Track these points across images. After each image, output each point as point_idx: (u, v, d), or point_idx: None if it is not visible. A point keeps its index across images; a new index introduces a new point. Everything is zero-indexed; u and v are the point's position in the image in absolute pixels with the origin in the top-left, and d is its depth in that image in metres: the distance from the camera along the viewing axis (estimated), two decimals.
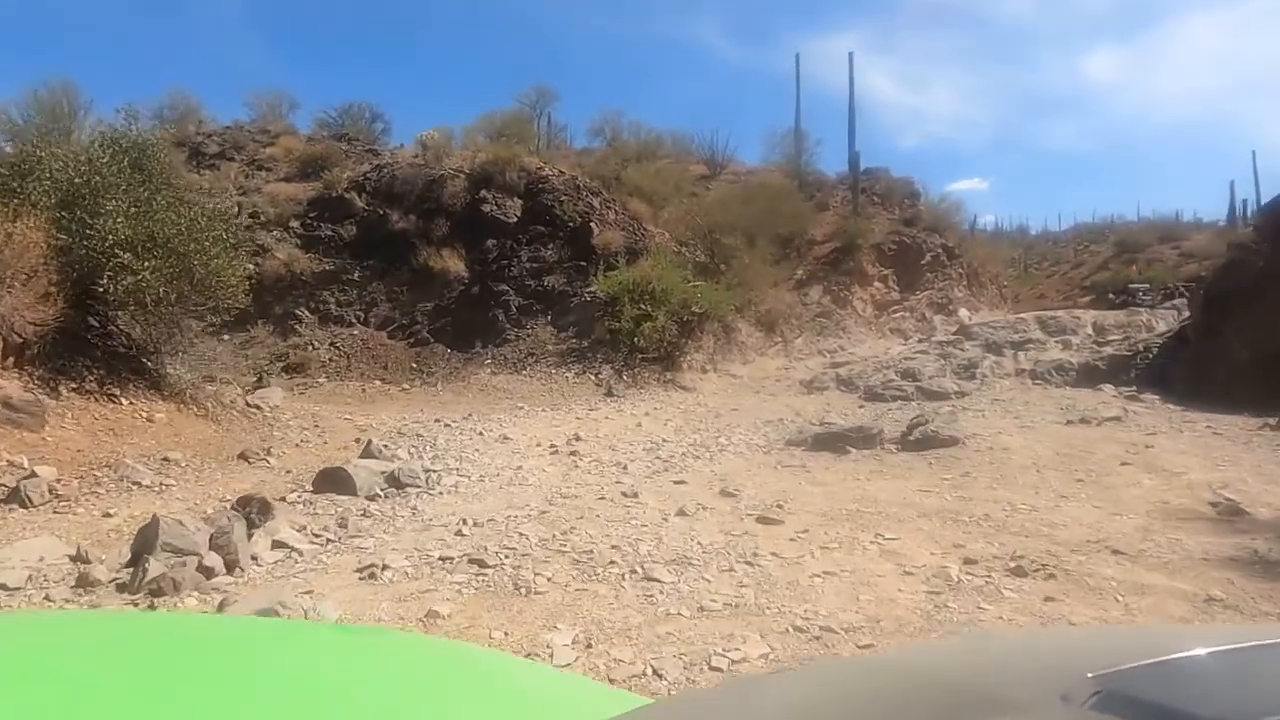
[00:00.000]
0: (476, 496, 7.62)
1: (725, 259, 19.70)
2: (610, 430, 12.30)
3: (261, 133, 26.40)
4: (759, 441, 11.02)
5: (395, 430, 11.65)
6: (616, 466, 9.23)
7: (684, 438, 11.51)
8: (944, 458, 9.22)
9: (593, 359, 17.06)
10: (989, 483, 7.86)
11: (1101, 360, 17.03)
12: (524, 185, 20.84)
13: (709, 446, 10.67)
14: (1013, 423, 11.86)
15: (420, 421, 13.03)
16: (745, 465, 9.40)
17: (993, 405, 14.22)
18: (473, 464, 9.28)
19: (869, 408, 14.72)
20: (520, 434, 11.70)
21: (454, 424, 12.70)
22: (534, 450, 10.43)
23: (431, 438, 11.09)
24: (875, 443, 10.34)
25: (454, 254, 19.91)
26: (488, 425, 12.68)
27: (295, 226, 21.21)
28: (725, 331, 18.57)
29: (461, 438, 11.25)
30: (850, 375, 17.48)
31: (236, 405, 10.75)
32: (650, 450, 10.41)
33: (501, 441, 11.02)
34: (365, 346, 18.81)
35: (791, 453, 10.19)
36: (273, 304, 19.88)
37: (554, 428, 12.48)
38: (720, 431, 12.03)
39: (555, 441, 11.04)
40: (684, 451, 10.31)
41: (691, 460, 9.71)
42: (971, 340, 19.48)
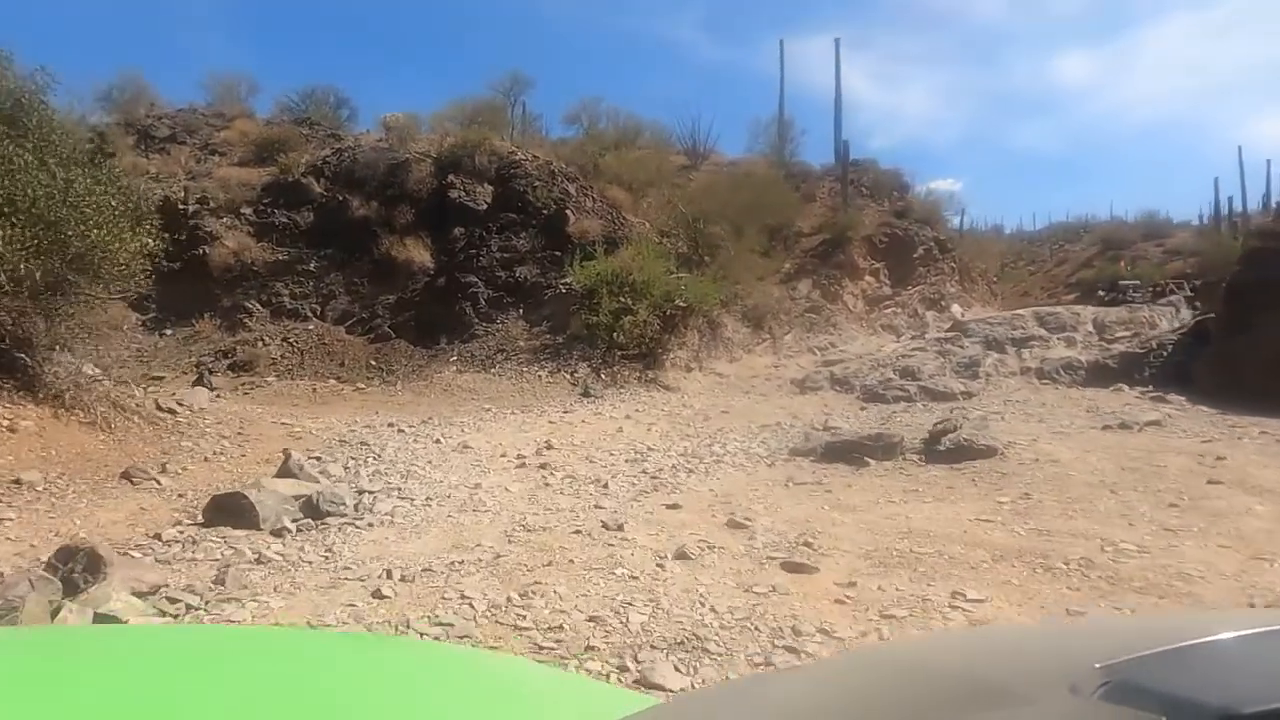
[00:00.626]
0: (416, 530, 5.80)
1: (710, 250, 17.96)
2: (587, 436, 10.53)
3: (217, 116, 24.27)
4: (759, 450, 9.29)
5: (337, 438, 9.78)
6: (595, 484, 7.45)
7: (672, 445, 9.75)
8: (986, 473, 7.53)
9: (568, 356, 15.26)
10: (1060, 509, 6.17)
11: (1112, 358, 15.50)
12: (495, 170, 18.97)
13: (702, 457, 8.92)
14: (1041, 428, 10.23)
15: (371, 426, 11.17)
16: (748, 481, 7.65)
17: (1007, 407, 12.61)
18: (421, 482, 7.45)
19: (871, 410, 13.05)
20: (484, 442, 9.89)
21: (409, 429, 10.86)
22: (498, 462, 8.62)
23: (379, 447, 9.24)
24: (896, 452, 8.65)
25: (419, 243, 18.01)
26: (448, 431, 10.85)
27: (248, 213, 19.19)
28: (711, 327, 16.84)
29: (414, 446, 9.41)
30: (845, 374, 15.82)
31: (144, 409, 8.82)
32: (634, 462, 8.65)
33: (460, 451, 9.20)
34: (320, 342, 16.86)
35: (800, 465, 8.46)
36: (221, 296, 17.89)
37: (523, 433, 10.68)
38: (712, 438, 10.29)
39: (523, 451, 9.24)
40: (674, 464, 8.55)
41: (684, 475, 7.94)
42: (970, 337, 17.90)
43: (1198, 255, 29.08)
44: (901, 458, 8.64)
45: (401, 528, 5.86)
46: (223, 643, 1.66)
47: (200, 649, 1.50)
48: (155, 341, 17.29)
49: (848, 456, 8.54)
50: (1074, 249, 42.56)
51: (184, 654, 1.43)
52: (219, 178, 20.02)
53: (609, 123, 24.61)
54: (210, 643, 1.64)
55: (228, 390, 14.70)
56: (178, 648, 1.50)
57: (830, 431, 10.48)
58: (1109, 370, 15.16)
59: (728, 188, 19.69)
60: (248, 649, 1.51)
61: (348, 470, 7.76)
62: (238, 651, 1.48)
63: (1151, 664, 0.71)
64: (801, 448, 9.12)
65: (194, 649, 1.50)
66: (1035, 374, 15.69)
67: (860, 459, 8.39)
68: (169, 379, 15.49)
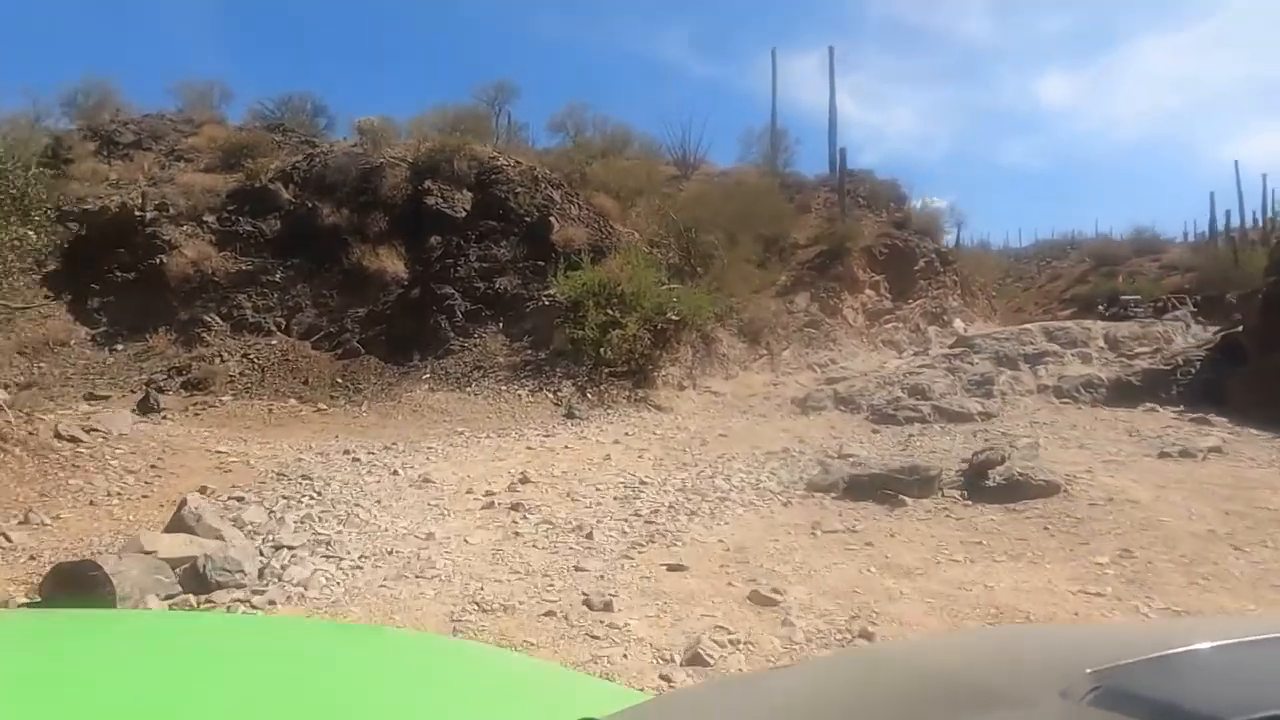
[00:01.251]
0: (333, 608, 4.22)
1: (703, 260, 16.49)
2: (570, 465, 8.97)
3: (186, 122, 22.66)
4: (770, 484, 7.75)
5: (277, 469, 8.16)
6: (576, 532, 5.88)
7: (668, 477, 8.21)
8: (1055, 517, 6.02)
9: (551, 373, 13.69)
10: (1181, 573, 4.65)
11: (1135, 376, 14.10)
12: (474, 176, 17.45)
13: (704, 493, 7.37)
14: (1086, 455, 8.76)
15: (324, 454, 9.58)
16: (765, 527, 6.11)
17: (1035, 430, 11.14)
18: (361, 531, 5.87)
19: (885, 433, 11.56)
20: (449, 473, 8.31)
21: (366, 457, 9.27)
22: (461, 501, 7.05)
23: (323, 481, 7.65)
24: (934, 487, 7.14)
25: (392, 252, 16.43)
26: (411, 459, 9.27)
27: (210, 221, 17.56)
28: (705, 342, 15.34)
29: (366, 480, 7.82)
30: (850, 393, 14.33)
31: (34, 438, 7.18)
32: (625, 500, 7.09)
33: (419, 486, 7.62)
34: (284, 359, 15.22)
35: (822, 504, 6.93)
36: (178, 308, 16.22)
37: (497, 462, 9.11)
38: (714, 467, 8.76)
39: (494, 485, 7.68)
40: (672, 502, 7.00)
41: (685, 518, 6.39)
42: (979, 353, 16.49)
43: (1195, 270, 27.98)
44: (940, 494, 7.13)
45: (314, 604, 4.28)
46: (218, 631, 1.65)
47: (195, 637, 1.48)
48: (104, 358, 15.59)
49: (878, 493, 7.02)
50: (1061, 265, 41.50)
51: (178, 641, 1.41)
52: (181, 184, 18.39)
53: (596, 131, 23.22)
54: (206, 631, 1.62)
55: (176, 411, 13.06)
56: (172, 635, 1.49)
57: (848, 460, 8.97)
58: (1132, 388, 13.76)
59: (720, 196, 18.26)
60: (243, 638, 1.49)
61: (272, 515, 6.15)
62: (233, 640, 1.45)
63: (1142, 671, 0.71)
64: (820, 481, 7.58)
65: (189, 637, 1.48)
66: (1053, 392, 14.27)
67: (894, 497, 6.87)
68: (114, 398, 13.83)
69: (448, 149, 17.63)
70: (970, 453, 8.96)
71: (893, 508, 6.66)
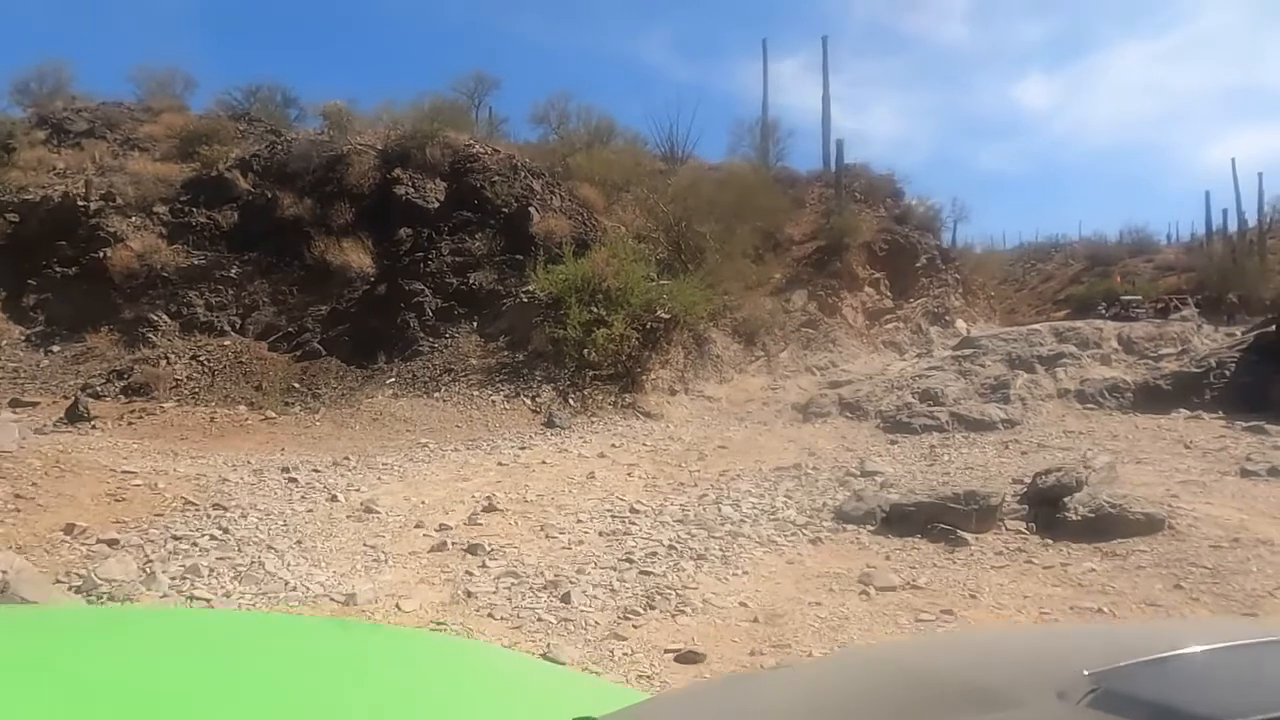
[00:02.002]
0: None
1: (694, 255, 14.95)
2: (547, 486, 7.41)
3: (145, 110, 20.84)
4: (789, 512, 6.21)
5: (188, 495, 6.52)
6: (549, 591, 4.33)
7: (664, 502, 6.67)
8: (1174, 564, 4.53)
9: (529, 377, 12.11)
10: None
11: (1163, 379, 12.72)
12: (449, 164, 15.85)
13: (710, 525, 5.83)
14: (1155, 474, 7.29)
15: (258, 472, 7.97)
16: (796, 580, 4.58)
17: (1070, 441, 9.71)
18: (259, 591, 4.29)
19: (904, 444, 10.09)
20: (400, 499, 6.73)
21: (307, 477, 7.68)
22: (406, 540, 5.46)
23: (238, 513, 6.03)
24: (993, 518, 5.64)
25: (358, 246, 14.79)
26: (359, 479, 7.69)
27: (161, 212, 15.85)
28: (697, 343, 13.81)
29: (295, 510, 6.22)
30: (856, 398, 12.85)
31: None
32: (612, 536, 5.54)
33: (358, 519, 6.02)
34: (237, 361, 13.55)
35: (860, 540, 5.42)
36: (122, 306, 14.52)
37: (460, 483, 7.54)
38: (717, 489, 7.23)
39: (451, 516, 6.11)
40: (671, 539, 5.45)
41: (690, 564, 4.85)
42: (987, 355, 15.04)
43: (1192, 271, 26.85)
44: (1002, 526, 5.63)
45: None
46: (218, 627, 1.61)
47: (196, 633, 1.46)
48: (38, 360, 13.85)
49: (927, 527, 5.51)
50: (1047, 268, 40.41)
51: (178, 637, 1.39)
52: (131, 172, 16.63)
53: (580, 122, 21.60)
54: (206, 627, 1.60)
55: (110, 419, 11.39)
56: (173, 631, 1.47)
57: (874, 480, 7.47)
58: (1161, 393, 12.37)
59: (713, 187, 16.73)
60: (244, 634, 1.46)
61: (144, 569, 4.53)
62: (233, 636, 1.43)
63: (1139, 673, 0.70)
64: (850, 509, 6.05)
65: (190, 633, 1.46)
66: (1075, 397, 12.85)
67: (950, 533, 5.35)
68: (43, 405, 12.14)
69: (420, 135, 16.02)
70: (1018, 471, 7.50)
71: (951, 547, 5.14)
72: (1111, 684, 0.66)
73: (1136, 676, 0.69)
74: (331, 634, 1.69)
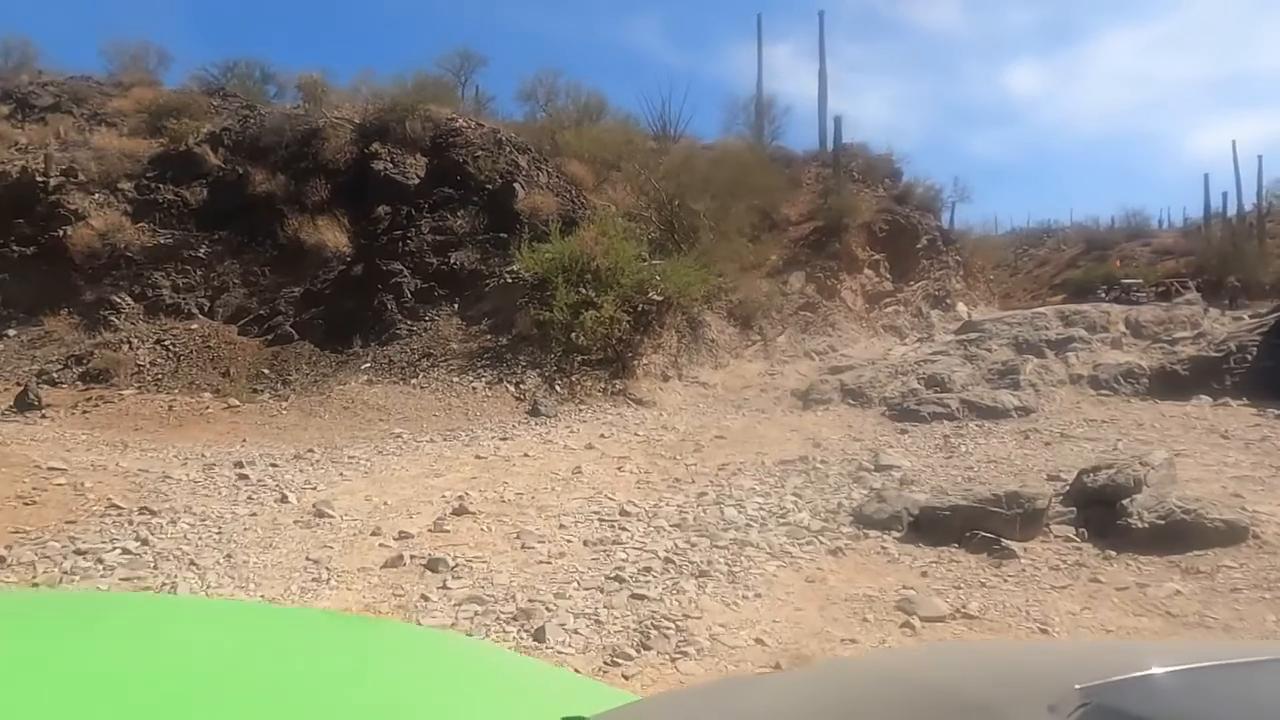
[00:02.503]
0: None
1: (688, 234, 14.06)
2: (528, 482, 6.58)
3: (115, 85, 19.73)
4: (801, 515, 5.38)
5: (114, 499, 5.64)
6: (519, 623, 3.50)
7: (659, 502, 5.84)
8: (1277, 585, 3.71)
9: (513, 362, 11.24)
10: None
11: (1181, 364, 11.95)
12: (430, 139, 14.88)
13: (712, 531, 5.00)
14: (1203, 468, 6.50)
15: (208, 468, 7.12)
16: (821, 605, 3.75)
17: (1095, 430, 8.93)
18: None
19: (915, 433, 9.29)
20: (361, 500, 5.88)
21: (261, 473, 6.82)
22: (357, 552, 4.61)
23: (168, 519, 5.17)
24: (1039, 523, 4.83)
25: (333, 224, 13.85)
26: (319, 475, 6.85)
27: (126, 189, 14.84)
28: (691, 326, 12.96)
29: (236, 514, 5.36)
30: (858, 384, 12.03)
31: None
32: (600, 547, 4.71)
33: (307, 525, 5.17)
34: (204, 345, 12.64)
35: (887, 550, 4.60)
36: (83, 288, 13.56)
37: (432, 479, 6.69)
38: (717, 486, 6.41)
39: (414, 521, 5.26)
40: (668, 549, 4.63)
41: (692, 584, 4.02)
42: (993, 339, 14.25)
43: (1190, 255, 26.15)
44: (1049, 533, 4.82)
45: None
46: (216, 618, 1.56)
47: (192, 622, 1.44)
48: None
49: (964, 534, 4.69)
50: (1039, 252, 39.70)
51: (175, 626, 1.37)
52: (95, 147, 15.60)
53: (569, 99, 20.60)
54: (203, 617, 1.56)
55: (64, 408, 10.50)
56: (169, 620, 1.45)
57: (891, 475, 6.66)
58: (1178, 378, 11.61)
59: (706, 165, 15.81)
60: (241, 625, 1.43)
61: None
62: (230, 627, 1.39)
63: (1130, 688, 0.70)
64: (871, 511, 5.23)
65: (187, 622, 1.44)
66: (1089, 382, 12.06)
67: (992, 541, 4.54)
68: None
69: (400, 109, 15.04)
70: (1047, 465, 6.71)
71: (998, 560, 4.32)
72: (1102, 699, 0.66)
73: (1127, 692, 0.68)
74: (325, 628, 1.64)
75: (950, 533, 4.74)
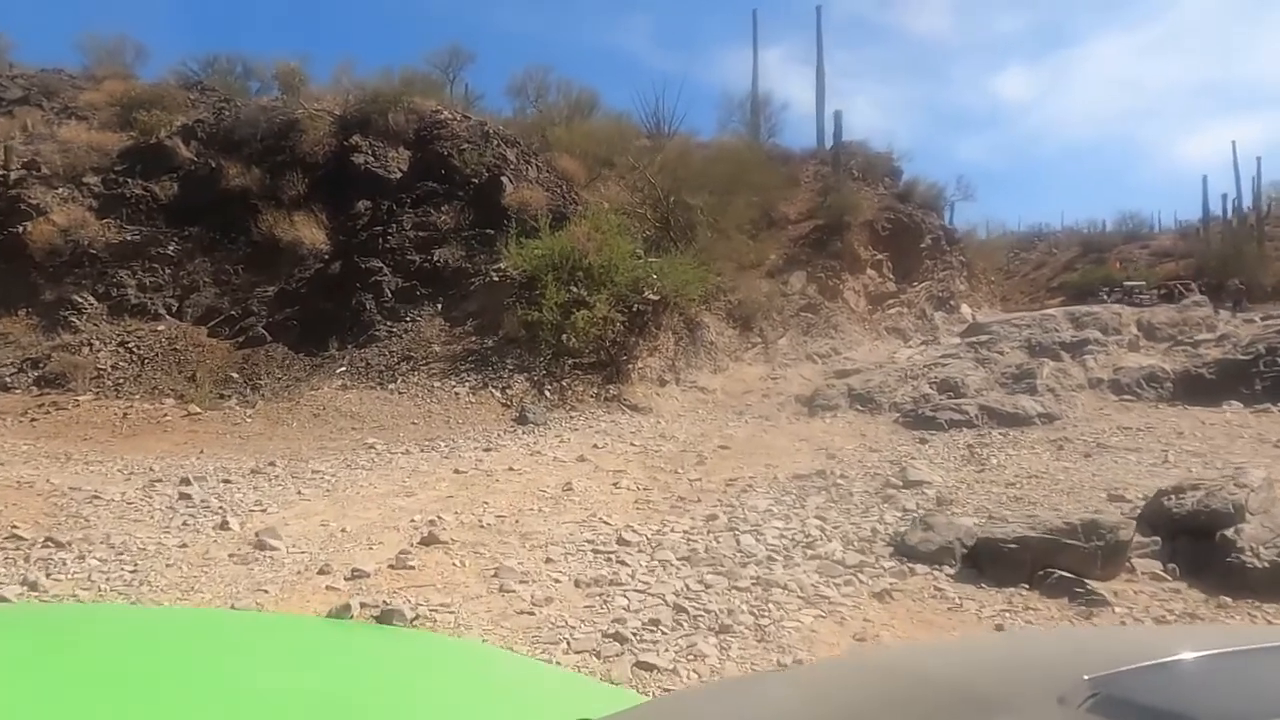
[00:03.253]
0: None
1: (684, 231, 13.21)
2: (513, 501, 5.71)
3: (88, 79, 18.74)
4: (831, 545, 4.52)
5: (18, 526, 4.71)
6: None
7: (661, 528, 4.96)
8: None
9: (499, 366, 10.34)
10: None
11: (1206, 367, 11.18)
12: (413, 131, 13.99)
13: (728, 567, 4.13)
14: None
15: (148, 485, 6.22)
16: None
17: (1131, 440, 8.11)
18: None
19: (935, 443, 8.46)
20: (315, 523, 4.98)
21: (207, 491, 5.92)
22: (293, 597, 3.73)
23: (77, 550, 4.29)
24: (1122, 558, 3.98)
25: (311, 220, 12.93)
26: (274, 493, 5.94)
27: (92, 183, 13.87)
28: (689, 328, 12.09)
29: (162, 545, 4.47)
30: (867, 389, 11.19)
31: None
32: (594, 588, 3.84)
33: (243, 560, 4.27)
34: (171, 348, 11.69)
35: (947, 595, 3.75)
36: (43, 287, 12.56)
37: (402, 499, 5.79)
38: (727, 506, 5.53)
39: (372, 553, 4.38)
40: (677, 591, 3.76)
41: (709, 641, 3.15)
42: (1003, 341, 13.49)
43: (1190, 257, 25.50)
44: (1131, 567, 3.97)
45: None
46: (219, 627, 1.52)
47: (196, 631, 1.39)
48: None
49: (1034, 573, 3.84)
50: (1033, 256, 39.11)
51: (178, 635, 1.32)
52: (61, 140, 14.61)
53: (560, 96, 19.71)
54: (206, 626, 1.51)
55: (12, 415, 9.59)
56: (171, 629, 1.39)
57: (919, 491, 5.82)
58: (1205, 382, 10.84)
59: (703, 160, 14.97)
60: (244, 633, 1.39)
61: None
62: (234, 635, 1.36)
63: (1138, 678, 0.68)
64: (915, 542, 4.36)
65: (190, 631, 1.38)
66: (1109, 387, 11.29)
67: (1073, 582, 3.69)
68: None
69: (382, 100, 14.13)
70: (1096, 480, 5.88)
71: (1087, 609, 3.47)
72: (1111, 689, 0.64)
73: (1136, 682, 0.67)
74: (331, 634, 1.61)
75: (1017, 570, 3.88)
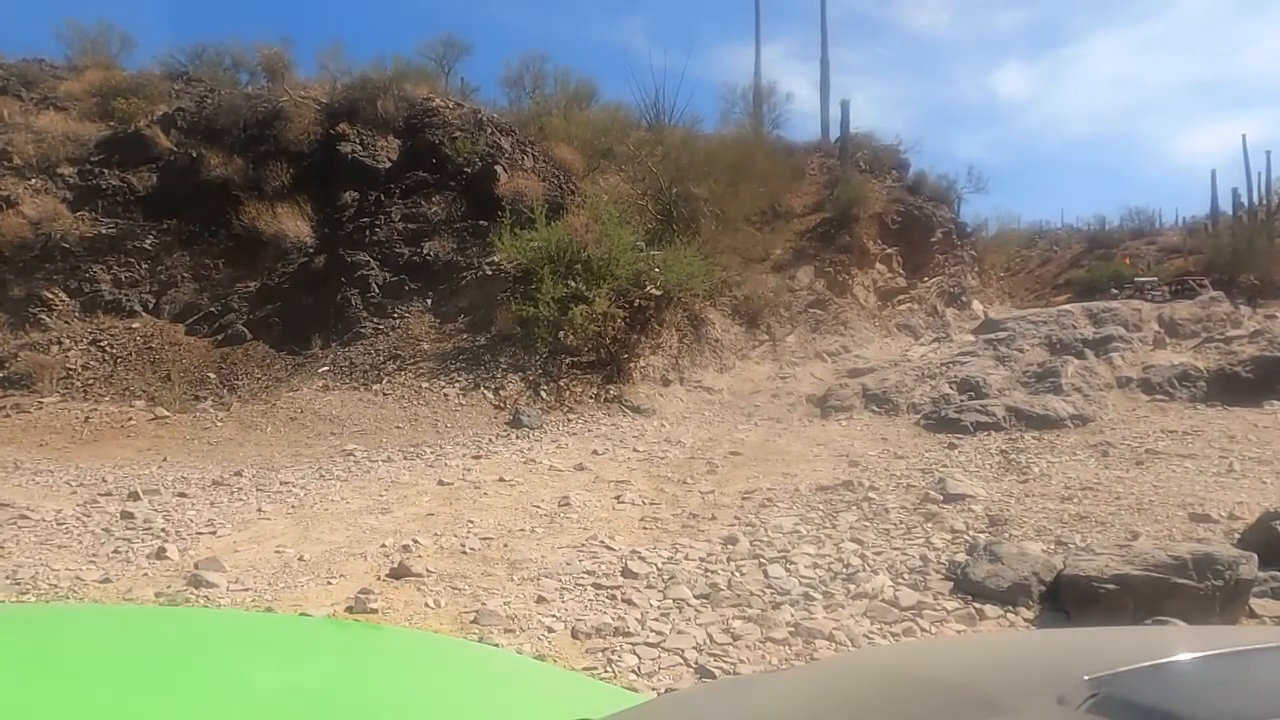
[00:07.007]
0: None
1: (688, 223, 12.43)
2: (502, 520, 4.95)
3: (69, 69, 17.92)
4: (879, 578, 3.76)
5: None
6: None
7: (673, 555, 4.21)
8: None
9: (492, 365, 9.57)
10: None
11: (1243, 365, 10.43)
12: (404, 119, 13.20)
13: (757, 609, 3.37)
14: None
15: (101, 497, 5.49)
16: None
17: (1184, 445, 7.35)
18: None
19: (964, 447, 7.71)
20: (269, 549, 4.22)
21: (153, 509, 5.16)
22: None
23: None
24: (1243, 600, 3.21)
25: (295, 212, 12.15)
26: (232, 509, 5.18)
27: (66, 173, 13.07)
28: (693, 324, 11.33)
29: (74, 581, 3.69)
30: (882, 389, 10.43)
31: None
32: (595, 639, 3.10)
33: (170, 599, 3.49)
34: (146, 346, 10.93)
35: None
36: (11, 282, 11.77)
37: (376, 515, 5.03)
38: (747, 526, 4.78)
39: (331, 588, 3.63)
40: (699, 646, 3.00)
41: None
42: (1021, 339, 12.70)
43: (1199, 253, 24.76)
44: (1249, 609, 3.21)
45: None
46: (218, 626, 1.52)
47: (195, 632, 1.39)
48: None
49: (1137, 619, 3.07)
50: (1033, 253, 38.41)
51: (177, 635, 1.32)
52: (36, 129, 13.81)
53: (557, 86, 18.90)
54: (206, 626, 1.51)
55: None
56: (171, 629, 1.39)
57: (964, 506, 5.07)
58: (1242, 381, 10.10)
59: (707, 149, 14.19)
60: (244, 633, 1.40)
61: None
62: (234, 635, 1.36)
63: (1138, 678, 0.68)
64: (978, 576, 3.61)
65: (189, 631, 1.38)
66: (1139, 386, 10.52)
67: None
68: None
69: (371, 87, 13.34)
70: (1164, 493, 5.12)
71: None
72: (1111, 689, 0.64)
73: (1135, 682, 0.66)
74: (331, 634, 1.59)
75: (1115, 615, 3.13)
